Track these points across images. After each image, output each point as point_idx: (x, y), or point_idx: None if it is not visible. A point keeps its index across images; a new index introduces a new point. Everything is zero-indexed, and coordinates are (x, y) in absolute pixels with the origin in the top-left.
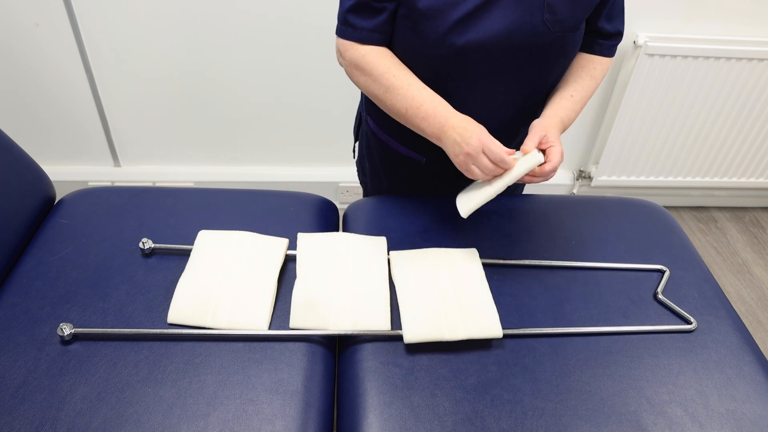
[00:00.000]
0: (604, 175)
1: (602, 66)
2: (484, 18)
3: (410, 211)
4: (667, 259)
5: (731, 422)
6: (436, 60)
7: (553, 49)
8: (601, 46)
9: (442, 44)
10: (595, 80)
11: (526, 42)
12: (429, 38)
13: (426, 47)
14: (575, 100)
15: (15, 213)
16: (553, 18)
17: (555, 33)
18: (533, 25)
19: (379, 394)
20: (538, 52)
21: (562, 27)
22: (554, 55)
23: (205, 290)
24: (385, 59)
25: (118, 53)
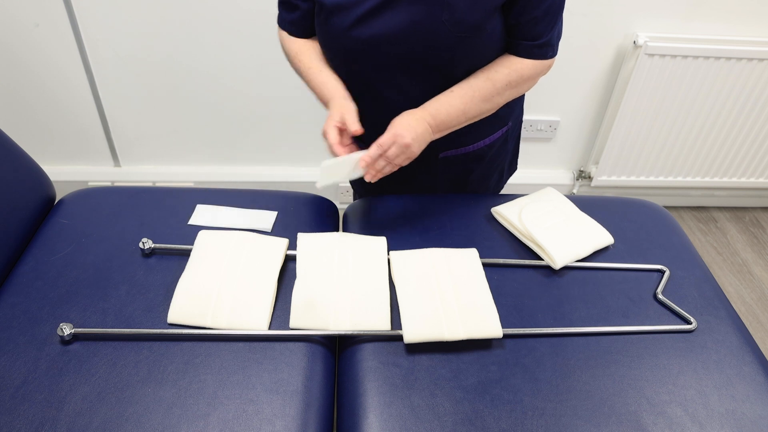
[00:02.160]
0: (604, 175)
1: (511, 69)
2: (386, 15)
3: (410, 211)
4: (667, 259)
5: (731, 422)
6: (346, 53)
7: (456, 50)
8: (518, 46)
9: (347, 38)
10: (492, 82)
11: (426, 40)
12: (336, 32)
13: (335, 41)
14: (454, 95)
15: (15, 213)
16: (452, 18)
17: (455, 33)
18: (432, 24)
19: (379, 394)
20: (439, 51)
21: (461, 27)
22: (457, 56)
23: (205, 290)
24: (296, 43)
25: (118, 53)
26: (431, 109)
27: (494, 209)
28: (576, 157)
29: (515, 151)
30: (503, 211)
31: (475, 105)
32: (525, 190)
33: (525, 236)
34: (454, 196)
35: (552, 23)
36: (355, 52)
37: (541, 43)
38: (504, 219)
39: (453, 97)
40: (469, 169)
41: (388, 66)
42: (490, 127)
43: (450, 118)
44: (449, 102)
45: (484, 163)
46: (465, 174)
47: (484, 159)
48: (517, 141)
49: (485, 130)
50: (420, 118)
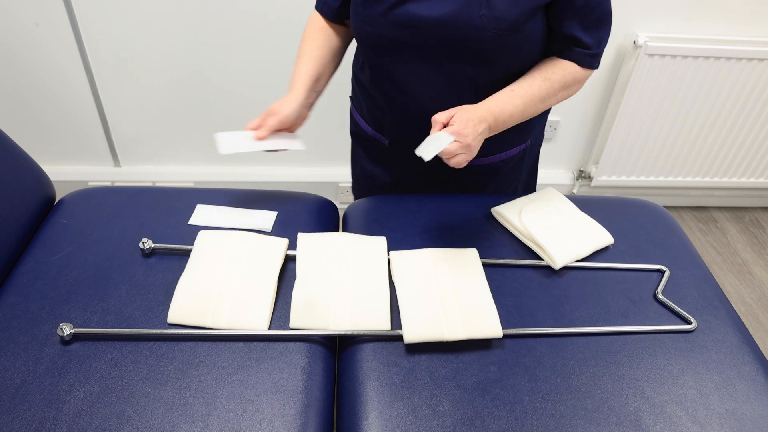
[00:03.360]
0: (604, 175)
1: (566, 71)
2: (424, 2)
3: (410, 211)
4: (667, 259)
5: (731, 422)
6: (377, 39)
7: (491, 47)
8: (570, 52)
9: (381, 23)
10: (549, 82)
11: (461, 33)
12: (371, 16)
13: (369, 26)
14: (515, 95)
15: (15, 213)
16: (490, 14)
17: (491, 30)
18: (470, 18)
19: (379, 394)
20: (474, 47)
21: (498, 24)
22: (492, 54)
23: (205, 290)
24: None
25: (118, 53)
26: (494, 108)
27: (494, 209)
28: (576, 157)
29: (532, 171)
30: (503, 211)
31: (533, 105)
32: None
33: (525, 236)
34: (454, 197)
35: (600, 33)
36: (387, 37)
37: (594, 53)
38: (504, 219)
39: (514, 97)
40: (483, 182)
41: (417, 58)
42: (509, 141)
43: (511, 119)
44: (512, 102)
45: (499, 179)
46: (477, 187)
47: (499, 174)
48: (535, 161)
49: (504, 144)
50: (483, 120)
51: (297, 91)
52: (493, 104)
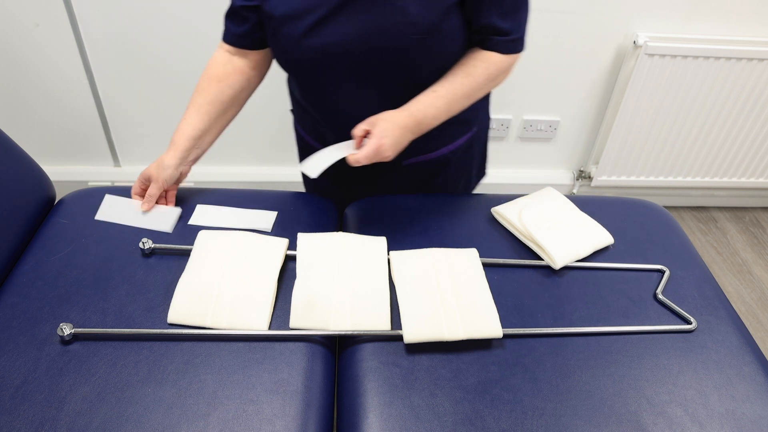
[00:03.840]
0: (604, 175)
1: (488, 63)
2: (337, 22)
3: (410, 211)
4: (667, 259)
5: (731, 422)
6: (299, 64)
7: (412, 53)
8: (490, 41)
9: (299, 48)
10: (473, 78)
11: (381, 45)
12: (287, 43)
13: (287, 52)
14: (438, 96)
15: (15, 213)
16: (405, 20)
17: (410, 36)
18: (386, 29)
19: (379, 394)
20: (396, 56)
21: (415, 29)
22: (416, 58)
23: (205, 290)
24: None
25: (118, 53)
26: (416, 112)
27: (494, 209)
28: (576, 157)
29: (483, 156)
30: (503, 211)
31: (458, 103)
32: (525, 190)
33: (525, 236)
34: (454, 196)
35: (518, 17)
36: (308, 62)
37: (514, 38)
38: (504, 219)
39: (437, 98)
40: (434, 174)
41: (344, 75)
42: (454, 132)
43: (434, 121)
44: (434, 103)
45: (449, 169)
46: (429, 179)
47: (448, 164)
48: (485, 146)
49: (449, 136)
50: (404, 127)
51: (174, 153)
52: (414, 108)
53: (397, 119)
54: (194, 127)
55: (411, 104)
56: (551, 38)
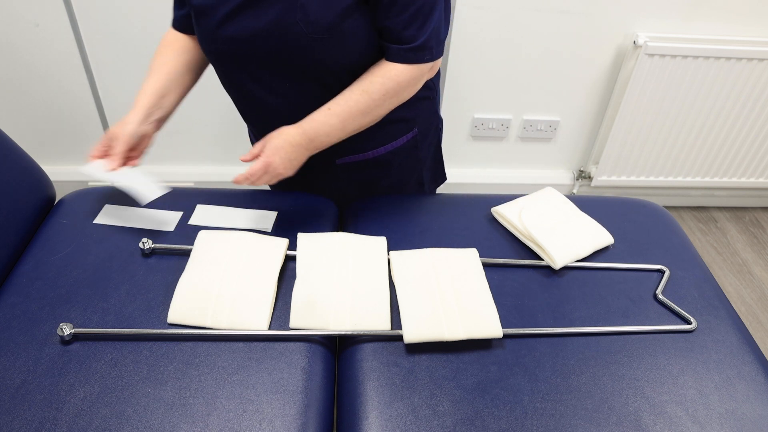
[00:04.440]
0: (604, 175)
1: (386, 78)
2: (248, 15)
3: (410, 211)
4: (667, 259)
5: (731, 422)
6: (216, 54)
7: (315, 51)
8: (389, 51)
9: (214, 39)
10: (368, 94)
11: (282, 41)
12: (204, 33)
13: (204, 42)
14: (331, 113)
15: (15, 213)
16: (305, 18)
17: (309, 34)
18: (288, 25)
19: (379, 394)
20: (300, 52)
21: (315, 28)
22: (318, 57)
23: (205, 290)
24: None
25: (118, 53)
26: (309, 130)
27: (494, 209)
28: (576, 157)
29: (436, 158)
30: (503, 211)
31: (354, 120)
32: (525, 190)
33: (525, 236)
34: (454, 196)
35: (424, 25)
36: (223, 52)
37: (415, 47)
38: (504, 219)
39: (330, 116)
40: (375, 176)
41: (257, 67)
42: (392, 133)
43: (328, 138)
44: (327, 121)
45: (393, 171)
46: (372, 181)
47: (390, 166)
48: (437, 147)
49: (386, 137)
50: (296, 144)
51: (136, 110)
52: (308, 126)
53: (289, 137)
54: (154, 86)
55: (305, 121)
56: (551, 38)
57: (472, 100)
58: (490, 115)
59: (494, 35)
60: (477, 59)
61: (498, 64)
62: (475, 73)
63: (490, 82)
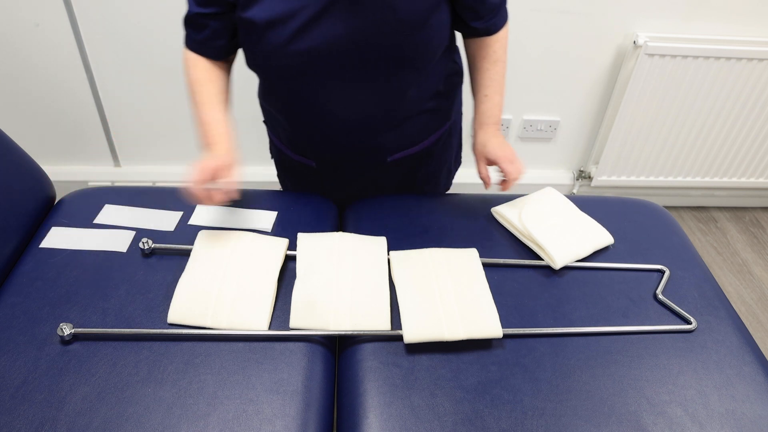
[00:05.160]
0: (604, 175)
1: (500, 42)
2: (324, 24)
3: (410, 211)
4: (667, 259)
5: (731, 422)
6: (285, 70)
7: (404, 48)
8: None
9: (285, 54)
10: (500, 62)
11: (371, 43)
12: (272, 49)
13: (272, 59)
14: (490, 96)
15: (15, 213)
16: (395, 17)
17: (400, 33)
18: (376, 26)
19: (379, 394)
20: (387, 53)
21: (405, 25)
22: (406, 54)
23: (205, 290)
24: (198, 69)
25: (118, 53)
26: (495, 119)
27: (494, 209)
28: (576, 157)
29: (459, 145)
30: (503, 211)
31: (503, 86)
32: (525, 190)
33: (525, 236)
34: (454, 196)
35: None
36: (295, 67)
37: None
38: (504, 219)
39: (493, 97)
40: (416, 166)
41: (331, 77)
42: (434, 124)
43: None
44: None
45: (432, 160)
46: (412, 173)
47: (431, 156)
48: (460, 135)
49: (430, 128)
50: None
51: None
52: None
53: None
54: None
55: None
56: (551, 38)
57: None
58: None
59: None
60: None
61: None
62: None
63: None
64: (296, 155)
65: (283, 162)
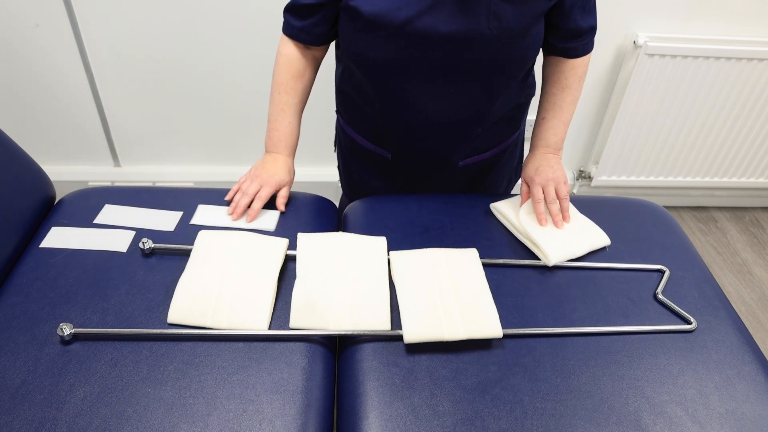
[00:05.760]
0: (604, 175)
1: (575, 70)
2: (427, 21)
3: (410, 211)
4: (667, 259)
5: (731, 422)
6: (383, 62)
7: (502, 56)
8: (574, 49)
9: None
10: (568, 89)
11: (472, 47)
12: (374, 40)
13: (372, 48)
14: (547, 120)
15: (15, 213)
16: (500, 25)
17: (503, 40)
18: (479, 32)
19: (379, 394)
20: (485, 58)
21: (509, 34)
22: (503, 61)
23: (205, 290)
24: (287, 73)
25: (118, 53)
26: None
27: (493, 205)
28: (576, 157)
29: (521, 156)
30: (502, 208)
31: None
32: None
33: (521, 233)
34: (454, 196)
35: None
36: (395, 61)
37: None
38: (502, 215)
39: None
40: (483, 173)
41: (428, 75)
42: (506, 132)
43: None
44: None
45: (498, 168)
46: (478, 180)
47: (498, 163)
48: (523, 146)
49: (502, 136)
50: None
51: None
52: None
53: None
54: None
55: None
56: None
57: None
58: None
59: None
60: None
61: None
62: None
63: None
64: (372, 144)
65: (355, 151)
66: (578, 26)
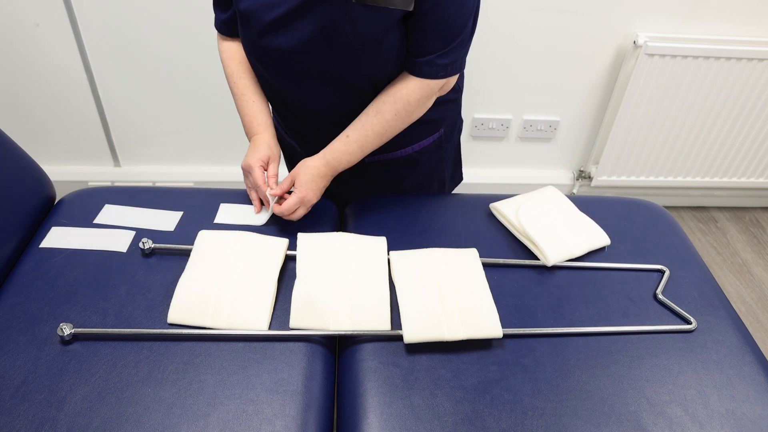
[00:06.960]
0: (604, 175)
1: (395, 98)
2: (293, 24)
3: (410, 211)
4: (667, 259)
5: (731, 422)
6: (258, 61)
7: (360, 59)
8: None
9: (257, 46)
10: (380, 115)
11: (327, 51)
12: (248, 39)
13: (248, 48)
14: (350, 140)
15: (15, 213)
16: (354, 30)
17: (355, 45)
18: (336, 36)
19: (379, 394)
20: (344, 61)
21: (362, 39)
22: (362, 65)
23: (205, 290)
24: (234, 61)
25: (118, 53)
26: (332, 160)
27: (492, 205)
28: (576, 157)
29: (456, 159)
30: (502, 207)
31: (371, 143)
32: (525, 190)
33: (520, 233)
34: (454, 196)
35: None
36: (266, 59)
37: (429, 61)
38: (501, 215)
39: (349, 143)
40: (402, 174)
41: (297, 75)
42: (418, 134)
43: (349, 163)
44: (347, 149)
45: (418, 170)
46: (398, 179)
47: (416, 164)
48: (457, 149)
49: (413, 137)
50: (323, 175)
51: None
52: (330, 157)
53: (315, 170)
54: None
55: (327, 152)
56: (551, 38)
57: (472, 100)
58: (490, 115)
59: (494, 35)
60: (477, 59)
61: (498, 64)
62: (475, 74)
63: (490, 82)
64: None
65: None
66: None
